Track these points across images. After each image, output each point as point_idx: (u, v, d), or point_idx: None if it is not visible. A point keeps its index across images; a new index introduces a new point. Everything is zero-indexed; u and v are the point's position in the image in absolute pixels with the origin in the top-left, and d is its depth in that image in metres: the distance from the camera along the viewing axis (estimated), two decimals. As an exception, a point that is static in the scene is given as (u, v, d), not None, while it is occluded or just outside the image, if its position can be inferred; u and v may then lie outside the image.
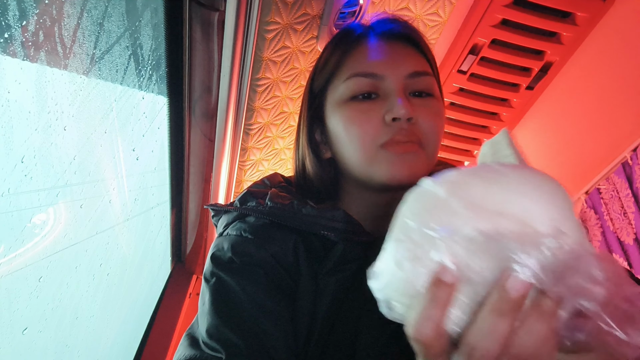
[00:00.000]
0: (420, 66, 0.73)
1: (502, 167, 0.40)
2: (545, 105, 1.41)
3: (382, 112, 0.69)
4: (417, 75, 0.72)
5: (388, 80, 0.71)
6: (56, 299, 1.00)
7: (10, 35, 0.67)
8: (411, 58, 0.74)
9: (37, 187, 0.82)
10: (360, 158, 0.70)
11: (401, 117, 0.67)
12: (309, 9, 1.05)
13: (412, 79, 0.71)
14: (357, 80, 0.72)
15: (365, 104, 0.71)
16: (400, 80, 0.71)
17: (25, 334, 0.80)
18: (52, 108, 0.83)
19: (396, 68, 0.71)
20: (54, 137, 0.84)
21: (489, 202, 0.37)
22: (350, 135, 0.71)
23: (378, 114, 0.69)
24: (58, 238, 0.93)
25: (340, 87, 0.74)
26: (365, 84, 0.72)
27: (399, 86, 0.70)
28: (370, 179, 0.70)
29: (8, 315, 0.82)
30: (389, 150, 0.68)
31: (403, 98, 0.69)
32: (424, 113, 0.70)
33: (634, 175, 1.36)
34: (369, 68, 0.72)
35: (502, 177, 0.38)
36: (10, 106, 0.69)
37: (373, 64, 0.72)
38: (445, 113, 0.76)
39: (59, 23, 0.78)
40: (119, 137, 1.17)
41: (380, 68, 0.72)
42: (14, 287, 0.82)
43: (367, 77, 0.72)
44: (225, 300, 0.65)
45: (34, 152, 0.78)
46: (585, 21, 1.15)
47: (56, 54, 0.79)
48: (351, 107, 0.72)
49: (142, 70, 1.14)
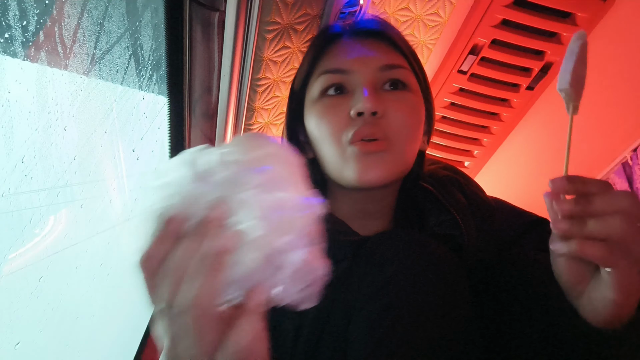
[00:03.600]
0: (393, 59, 0.73)
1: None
2: (546, 106, 1.41)
3: (350, 107, 0.69)
4: (389, 68, 0.71)
5: (357, 75, 0.71)
6: (56, 299, 1.00)
7: (11, 35, 0.67)
8: (383, 52, 0.73)
9: (38, 187, 0.82)
10: (332, 155, 0.71)
11: (364, 110, 0.67)
12: (310, 9, 1.05)
13: (383, 72, 0.71)
14: (327, 77, 0.72)
15: (334, 99, 0.72)
16: (369, 74, 0.71)
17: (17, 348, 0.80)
18: (52, 108, 0.83)
19: (366, 62, 0.71)
20: (54, 137, 0.85)
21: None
22: (322, 131, 0.72)
23: (346, 108, 0.70)
24: (58, 238, 0.93)
25: (314, 86, 0.75)
26: (335, 79, 0.72)
27: (367, 80, 0.70)
28: (343, 179, 0.70)
29: (8, 315, 0.82)
30: (356, 147, 0.68)
31: (370, 91, 0.68)
32: (394, 107, 0.69)
33: (634, 175, 1.36)
34: (338, 64, 0.73)
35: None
36: (11, 106, 0.69)
37: (343, 61, 0.73)
38: (422, 108, 0.75)
39: (60, 23, 0.78)
40: (119, 137, 1.17)
41: (350, 63, 0.72)
42: (14, 287, 0.82)
43: (336, 73, 0.72)
44: None
45: (34, 152, 0.78)
46: (585, 21, 1.15)
47: (56, 54, 0.79)
48: (322, 104, 0.72)
49: (143, 71, 1.14)
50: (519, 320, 0.66)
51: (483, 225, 0.77)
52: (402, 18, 1.18)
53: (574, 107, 0.59)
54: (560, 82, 0.58)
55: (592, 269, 0.54)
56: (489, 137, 1.52)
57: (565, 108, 0.59)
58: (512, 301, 0.68)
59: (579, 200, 0.51)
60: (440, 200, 0.77)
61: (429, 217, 0.77)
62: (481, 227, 0.76)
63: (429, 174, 0.82)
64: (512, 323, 0.67)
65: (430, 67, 1.33)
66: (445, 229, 0.75)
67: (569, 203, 0.51)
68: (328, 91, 0.72)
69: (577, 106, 0.59)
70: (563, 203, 0.51)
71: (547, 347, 0.62)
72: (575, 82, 0.58)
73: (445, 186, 0.79)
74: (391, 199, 0.80)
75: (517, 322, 0.67)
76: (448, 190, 0.79)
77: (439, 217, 0.76)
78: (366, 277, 0.57)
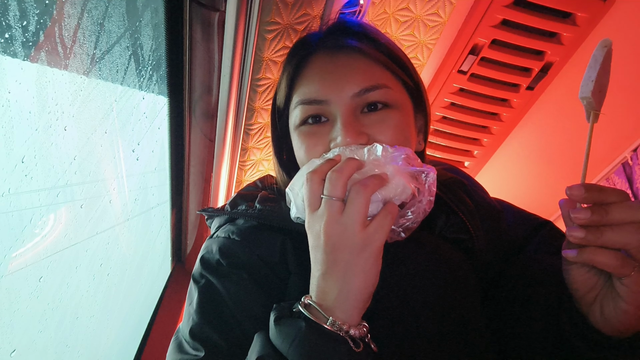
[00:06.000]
0: (369, 80, 0.70)
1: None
2: (546, 106, 1.41)
3: (329, 138, 0.69)
4: (366, 92, 0.69)
5: (333, 104, 0.69)
6: (56, 299, 1.00)
7: (11, 35, 0.67)
8: (358, 73, 0.70)
9: (38, 187, 0.82)
10: None
11: (345, 145, 0.66)
12: (310, 10, 1.05)
13: (360, 97, 0.69)
14: (304, 108, 0.72)
15: (314, 127, 0.71)
16: (345, 103, 0.69)
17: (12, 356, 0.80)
18: (52, 108, 0.83)
19: (340, 90, 0.69)
20: (54, 137, 0.84)
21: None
22: (302, 160, 0.72)
23: (325, 139, 0.69)
24: (58, 238, 0.93)
25: (294, 112, 0.74)
26: (312, 110, 0.71)
27: (344, 109, 0.69)
28: None
29: (8, 315, 0.82)
30: None
31: (348, 122, 0.67)
32: (378, 129, 0.68)
33: (634, 175, 1.36)
34: (313, 94, 0.71)
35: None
36: (11, 106, 0.69)
37: (317, 89, 0.71)
38: (408, 119, 0.73)
39: (60, 23, 0.78)
40: (119, 137, 1.17)
41: (324, 92, 0.70)
42: (14, 287, 0.82)
43: (312, 105, 0.71)
44: (211, 302, 0.66)
45: (34, 152, 0.78)
46: (585, 21, 1.15)
47: (57, 54, 0.79)
48: (302, 132, 0.72)
49: (143, 71, 1.13)
50: (527, 325, 0.66)
51: (490, 229, 0.77)
52: (402, 18, 1.18)
53: (595, 115, 0.58)
54: (582, 90, 0.58)
55: (604, 277, 0.54)
56: (489, 137, 1.52)
57: (585, 116, 0.59)
58: (520, 305, 0.69)
59: (596, 209, 0.50)
60: (448, 203, 0.77)
61: (437, 220, 0.77)
62: (489, 230, 0.76)
63: None
64: (520, 327, 0.67)
65: (430, 67, 1.33)
66: (454, 233, 0.75)
67: (586, 211, 0.51)
68: (307, 120, 0.72)
69: (598, 115, 0.58)
70: (579, 211, 0.51)
71: (556, 352, 0.62)
72: (597, 91, 0.57)
73: (452, 189, 0.79)
74: None
75: (525, 326, 0.67)
76: (454, 192, 0.79)
77: (448, 220, 0.76)
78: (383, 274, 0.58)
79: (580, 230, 0.51)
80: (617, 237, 0.49)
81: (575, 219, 0.52)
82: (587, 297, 0.56)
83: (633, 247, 0.49)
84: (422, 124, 0.81)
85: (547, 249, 0.76)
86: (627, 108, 1.29)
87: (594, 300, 0.55)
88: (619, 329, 0.54)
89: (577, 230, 0.51)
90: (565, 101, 1.36)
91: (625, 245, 0.50)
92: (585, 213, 0.51)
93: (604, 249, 0.51)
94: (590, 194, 0.51)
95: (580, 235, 0.51)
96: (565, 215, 0.54)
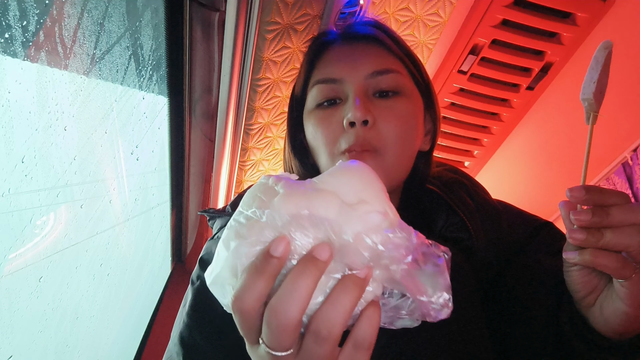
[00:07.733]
0: (383, 64, 0.72)
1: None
2: (546, 106, 1.41)
3: (342, 117, 0.69)
4: (379, 74, 0.71)
5: (347, 83, 0.71)
6: (56, 299, 1.00)
7: (11, 35, 0.67)
8: (372, 57, 0.73)
9: (38, 187, 0.82)
10: (326, 166, 0.72)
11: (355, 120, 0.67)
12: (310, 9, 1.05)
13: (373, 79, 0.71)
14: (319, 88, 0.73)
15: (328, 110, 0.72)
16: (359, 81, 0.70)
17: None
18: (52, 108, 0.83)
19: (354, 69, 0.71)
20: (54, 137, 0.84)
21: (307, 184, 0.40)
22: (317, 142, 0.73)
23: (339, 119, 0.70)
24: (58, 238, 0.93)
25: (310, 96, 0.75)
26: (327, 90, 0.72)
27: (357, 87, 0.70)
28: None
29: (8, 315, 0.82)
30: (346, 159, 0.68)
31: (361, 99, 0.68)
32: (386, 115, 0.69)
33: (634, 175, 1.36)
34: (328, 73, 0.73)
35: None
36: (11, 106, 0.69)
37: (333, 69, 0.73)
38: (418, 110, 0.75)
39: (60, 23, 0.78)
40: (119, 137, 1.17)
41: (339, 72, 0.72)
42: (14, 287, 0.82)
43: (327, 83, 0.73)
44: (204, 306, 0.65)
45: (34, 152, 0.78)
46: (585, 21, 1.15)
47: (57, 54, 0.79)
48: (316, 115, 0.73)
49: (143, 71, 1.13)
50: (527, 325, 0.66)
51: (490, 229, 0.77)
52: (402, 18, 1.18)
53: (594, 117, 0.59)
54: (584, 91, 0.58)
55: (605, 279, 0.54)
56: (489, 137, 1.52)
57: (585, 118, 0.59)
58: (520, 305, 0.69)
59: (596, 211, 0.50)
60: (449, 202, 0.77)
61: (437, 220, 0.77)
62: (489, 231, 0.76)
63: (434, 176, 0.82)
64: (520, 327, 0.67)
65: (430, 67, 1.33)
66: (454, 232, 0.75)
67: (586, 213, 0.51)
68: (322, 102, 0.73)
69: (597, 116, 0.58)
70: (580, 213, 0.51)
71: (556, 352, 0.62)
72: (598, 93, 0.58)
73: (452, 189, 0.79)
74: (394, 202, 0.80)
75: (525, 326, 0.67)
76: (455, 192, 0.79)
77: (447, 219, 0.76)
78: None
79: (580, 232, 0.51)
80: (618, 239, 0.49)
81: (575, 221, 0.52)
82: (587, 298, 0.56)
83: (634, 249, 0.49)
84: (430, 127, 0.82)
85: (547, 250, 0.76)
86: (627, 108, 1.29)
87: (594, 301, 0.55)
88: (619, 330, 0.54)
89: (577, 232, 0.51)
90: (565, 101, 1.36)
91: (626, 248, 0.49)
92: (585, 215, 0.51)
93: (604, 251, 0.50)
94: (590, 196, 0.51)
95: (581, 237, 0.51)
96: (565, 217, 0.54)
